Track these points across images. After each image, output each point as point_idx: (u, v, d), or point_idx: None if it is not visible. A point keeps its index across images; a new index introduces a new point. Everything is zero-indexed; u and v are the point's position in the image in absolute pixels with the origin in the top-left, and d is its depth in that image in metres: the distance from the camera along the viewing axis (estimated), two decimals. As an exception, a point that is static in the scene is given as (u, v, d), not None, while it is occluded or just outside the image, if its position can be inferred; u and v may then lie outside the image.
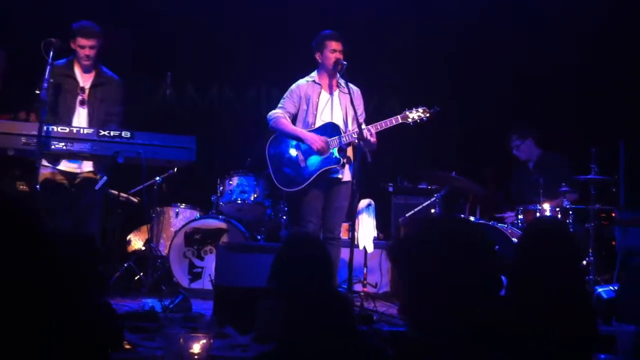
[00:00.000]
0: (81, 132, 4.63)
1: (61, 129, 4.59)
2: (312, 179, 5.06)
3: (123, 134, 4.64)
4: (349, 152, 5.13)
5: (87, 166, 5.03)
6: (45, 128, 4.49)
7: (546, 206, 5.98)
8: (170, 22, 7.34)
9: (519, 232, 5.77)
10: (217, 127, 7.51)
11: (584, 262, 5.72)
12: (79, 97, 5.07)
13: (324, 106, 5.19)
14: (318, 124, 5.15)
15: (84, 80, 5.11)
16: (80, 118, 5.04)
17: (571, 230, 5.68)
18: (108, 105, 5.14)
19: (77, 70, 5.10)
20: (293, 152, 5.14)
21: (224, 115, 7.85)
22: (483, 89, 7.70)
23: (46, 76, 4.65)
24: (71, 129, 4.63)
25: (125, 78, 5.33)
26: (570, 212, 5.99)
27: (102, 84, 5.14)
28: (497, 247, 5.29)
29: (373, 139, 4.93)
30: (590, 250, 5.80)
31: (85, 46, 5.02)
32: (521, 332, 2.58)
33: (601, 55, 7.43)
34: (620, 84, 7.28)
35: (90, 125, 4.96)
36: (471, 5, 7.53)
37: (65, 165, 4.98)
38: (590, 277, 5.69)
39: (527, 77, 7.66)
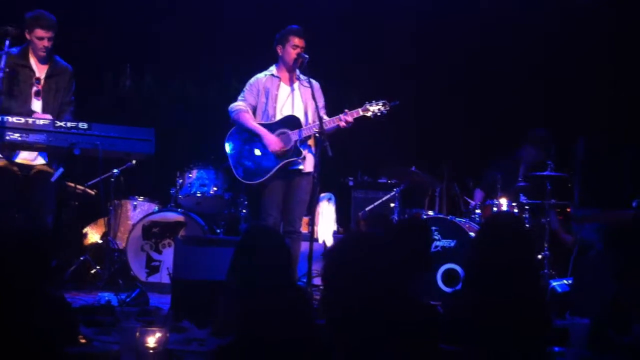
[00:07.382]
0: (37, 122, 4.54)
1: (16, 120, 4.49)
2: (273, 171, 5.04)
3: (80, 125, 4.55)
4: (310, 144, 5.13)
5: (42, 158, 4.95)
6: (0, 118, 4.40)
7: (503, 201, 6.06)
8: (130, 14, 7.24)
9: (477, 226, 5.84)
10: (176, 119, 7.43)
11: (539, 257, 5.82)
12: (34, 88, 4.97)
13: (285, 99, 5.18)
14: (278, 116, 5.14)
15: (40, 70, 5.01)
16: (35, 109, 4.94)
17: (527, 225, 5.77)
18: (62, 95, 5.07)
19: (33, 60, 4.99)
20: (253, 144, 5.11)
21: (182, 107, 7.78)
22: (442, 84, 7.75)
23: (1, 65, 4.55)
24: (27, 119, 4.53)
25: (84, 69, 5.25)
26: (527, 208, 6.09)
27: (57, 74, 5.06)
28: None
29: (351, 119, 5.02)
30: (546, 245, 5.91)
31: (44, 37, 4.90)
32: (476, 326, 2.62)
33: (559, 52, 7.54)
34: (578, 82, 7.40)
35: None
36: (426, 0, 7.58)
37: (20, 158, 4.90)
38: (545, 271, 5.80)
39: (486, 73, 7.73)
